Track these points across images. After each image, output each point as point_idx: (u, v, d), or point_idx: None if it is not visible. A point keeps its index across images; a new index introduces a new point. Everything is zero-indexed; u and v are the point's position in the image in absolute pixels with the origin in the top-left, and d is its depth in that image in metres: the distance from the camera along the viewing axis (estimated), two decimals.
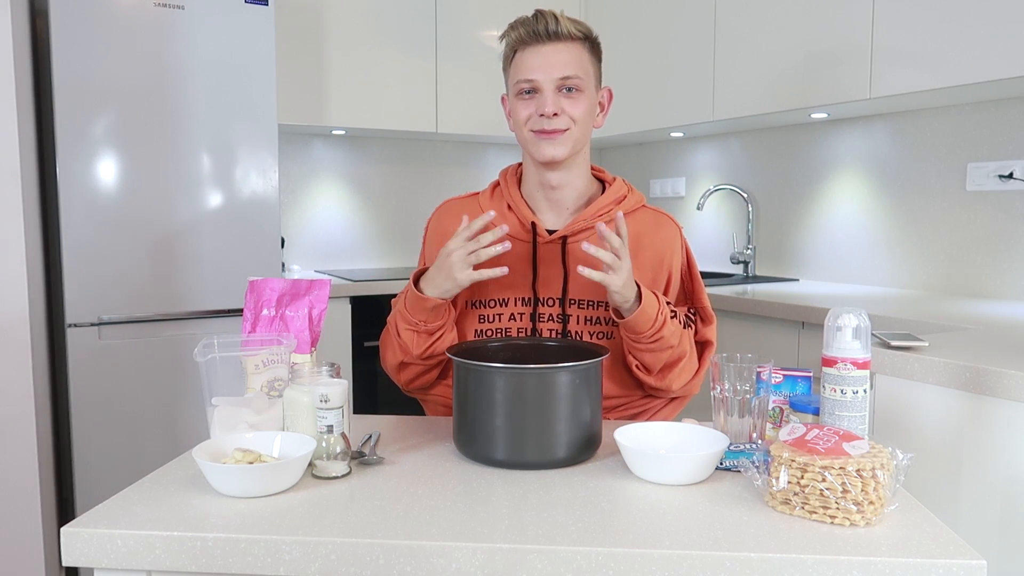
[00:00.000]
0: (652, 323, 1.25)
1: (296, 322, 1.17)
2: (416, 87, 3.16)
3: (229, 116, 2.45)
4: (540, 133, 1.33)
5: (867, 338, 1.05)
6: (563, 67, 1.31)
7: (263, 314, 1.18)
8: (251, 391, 1.12)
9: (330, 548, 0.83)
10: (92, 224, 2.28)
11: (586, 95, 1.33)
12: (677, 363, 1.34)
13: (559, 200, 1.40)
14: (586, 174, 1.41)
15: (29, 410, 2.03)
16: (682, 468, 0.99)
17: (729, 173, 3.23)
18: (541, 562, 0.82)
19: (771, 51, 2.56)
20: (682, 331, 1.33)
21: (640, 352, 1.30)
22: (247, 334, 1.17)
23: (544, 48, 1.31)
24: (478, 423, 1.07)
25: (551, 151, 1.33)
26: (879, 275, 2.66)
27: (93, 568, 0.87)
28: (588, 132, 1.37)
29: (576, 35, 1.32)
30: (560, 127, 1.32)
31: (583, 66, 1.33)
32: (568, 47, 1.31)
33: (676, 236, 1.42)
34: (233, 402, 1.12)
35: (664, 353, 1.30)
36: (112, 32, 2.26)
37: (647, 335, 1.26)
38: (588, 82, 1.33)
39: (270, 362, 1.12)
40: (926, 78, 2.10)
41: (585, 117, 1.34)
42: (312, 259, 3.40)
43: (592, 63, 1.35)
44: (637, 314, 1.23)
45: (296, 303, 1.18)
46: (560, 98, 1.31)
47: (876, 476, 0.87)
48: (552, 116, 1.31)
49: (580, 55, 1.33)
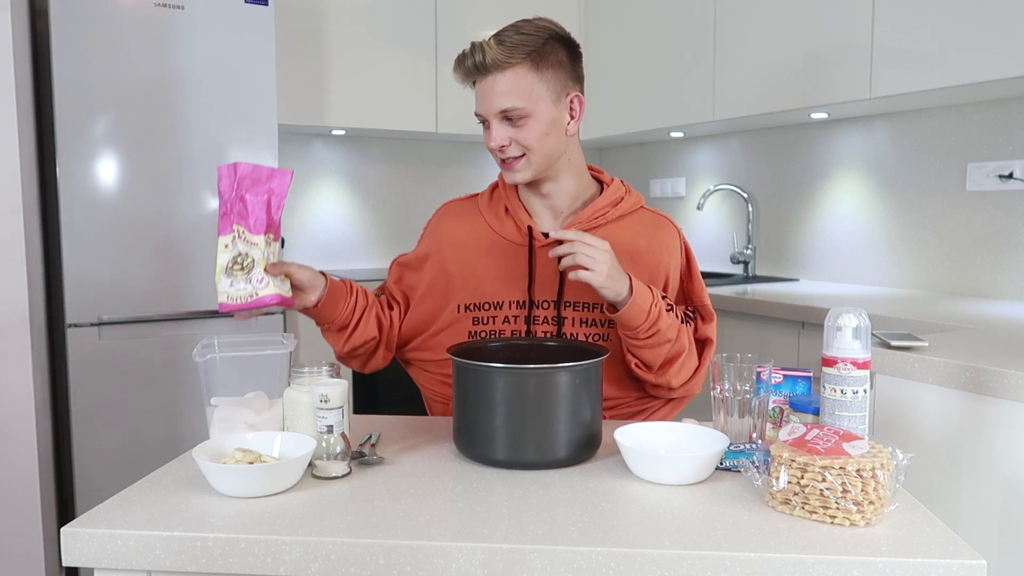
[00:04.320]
0: (646, 315, 1.24)
1: (254, 206, 1.17)
2: (416, 87, 3.16)
3: (229, 116, 2.45)
4: (500, 162, 1.35)
5: (867, 338, 1.05)
6: (500, 99, 1.28)
7: (222, 190, 1.19)
8: (218, 269, 1.15)
9: (330, 548, 0.83)
10: (92, 224, 2.28)
11: (534, 118, 1.29)
12: (676, 358, 1.34)
13: (553, 204, 1.40)
14: (577, 177, 1.40)
15: (29, 410, 2.03)
16: (682, 468, 0.99)
17: (729, 173, 3.23)
18: (541, 562, 0.82)
19: (771, 51, 2.56)
20: (680, 325, 1.32)
21: (638, 348, 1.30)
22: (222, 216, 1.19)
23: (482, 83, 1.30)
24: (478, 423, 1.07)
25: (512, 178, 1.35)
26: (879, 275, 2.66)
27: (93, 568, 0.87)
28: (554, 147, 1.33)
29: (509, 62, 1.26)
30: (513, 155, 1.32)
31: (524, 90, 1.27)
32: (503, 76, 1.27)
33: (674, 238, 1.42)
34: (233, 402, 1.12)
35: (662, 348, 1.30)
36: (112, 32, 2.26)
37: (643, 328, 1.25)
38: (535, 103, 1.28)
39: (234, 242, 1.16)
40: (926, 78, 2.10)
41: (539, 139, 1.30)
42: (312, 259, 3.40)
43: (539, 80, 1.29)
44: (629, 306, 1.23)
45: (256, 188, 1.18)
46: (507, 128, 1.30)
47: (876, 476, 0.87)
48: (500, 149, 1.31)
49: (519, 80, 1.27)
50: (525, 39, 1.28)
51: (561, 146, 1.35)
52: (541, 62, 1.29)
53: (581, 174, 1.41)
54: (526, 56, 1.27)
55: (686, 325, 1.36)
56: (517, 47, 1.27)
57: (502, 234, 1.39)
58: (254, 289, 1.16)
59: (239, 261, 1.15)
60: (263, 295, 1.16)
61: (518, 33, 1.28)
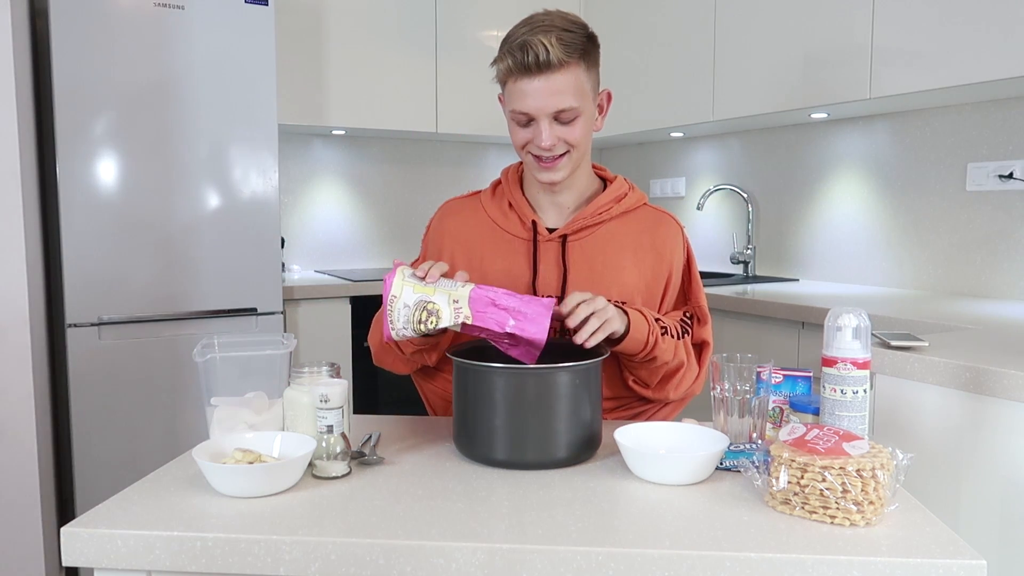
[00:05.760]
0: (644, 345, 1.25)
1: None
2: (416, 87, 3.16)
3: (229, 116, 2.45)
4: (538, 159, 1.31)
5: (867, 338, 1.05)
6: (557, 100, 1.24)
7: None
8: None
9: (330, 548, 0.83)
10: (92, 224, 2.28)
11: (583, 116, 1.28)
12: (674, 374, 1.34)
13: (560, 200, 1.40)
14: (587, 174, 1.41)
15: (29, 410, 2.03)
16: (682, 468, 0.99)
17: (729, 173, 3.23)
18: (541, 562, 0.82)
19: (771, 51, 2.56)
20: (676, 343, 1.32)
21: (635, 369, 1.31)
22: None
23: (535, 82, 1.23)
24: (478, 423, 1.07)
25: (550, 176, 1.32)
26: (879, 275, 2.66)
27: (93, 568, 0.87)
28: (589, 143, 1.35)
29: (569, 61, 1.23)
30: (558, 153, 1.30)
31: (578, 90, 1.25)
32: (561, 76, 1.23)
33: (678, 235, 1.42)
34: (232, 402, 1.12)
35: (660, 369, 1.31)
36: (112, 32, 2.26)
37: (640, 355, 1.26)
38: (585, 101, 1.27)
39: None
40: (926, 78, 2.10)
41: (583, 137, 1.30)
42: (312, 259, 3.40)
43: (588, 78, 1.28)
44: (627, 340, 1.22)
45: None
46: (556, 127, 1.27)
47: (876, 476, 0.87)
48: (549, 148, 1.28)
49: (575, 79, 1.25)
50: (575, 37, 1.24)
51: (589, 143, 1.35)
52: (589, 60, 1.27)
53: (589, 170, 1.42)
54: (580, 55, 1.25)
55: (684, 338, 1.36)
56: (572, 46, 1.23)
57: (506, 229, 1.39)
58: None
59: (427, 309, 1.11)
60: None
61: (564, 31, 1.24)
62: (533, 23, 1.25)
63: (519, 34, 1.24)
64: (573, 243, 1.36)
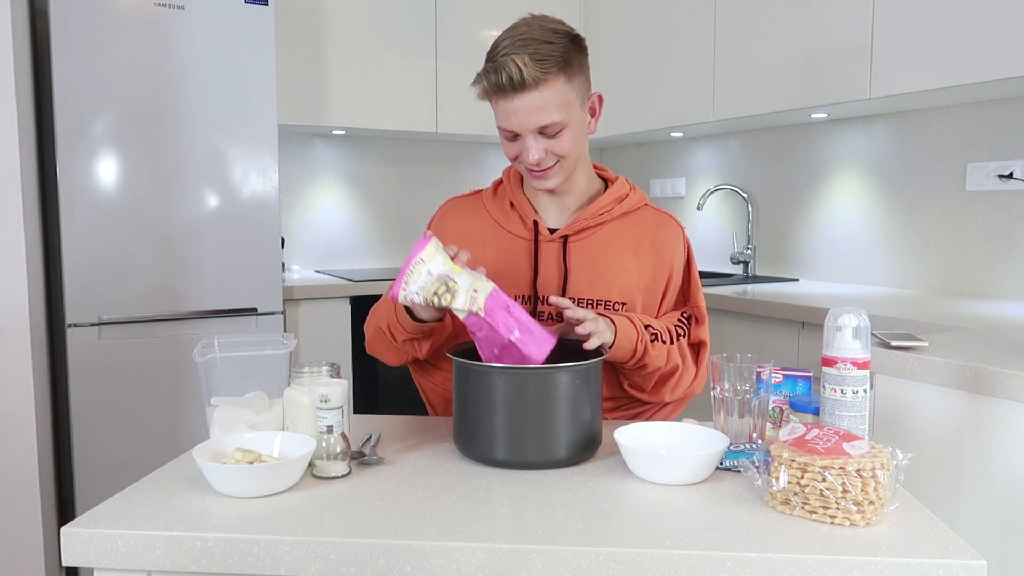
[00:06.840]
0: (632, 354, 1.25)
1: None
2: (416, 87, 3.16)
3: (229, 116, 2.44)
4: (530, 171, 1.31)
5: (867, 338, 1.05)
6: (538, 117, 1.22)
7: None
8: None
9: (330, 548, 0.83)
10: (92, 224, 2.28)
11: (570, 127, 1.26)
12: (669, 378, 1.35)
13: (561, 201, 1.40)
14: (587, 175, 1.41)
15: (29, 410, 2.03)
16: (682, 468, 0.99)
17: (729, 173, 3.23)
18: (541, 562, 0.82)
19: (771, 51, 2.56)
20: (669, 348, 1.32)
21: (628, 374, 1.32)
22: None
23: (514, 101, 1.22)
24: (478, 423, 1.07)
25: (543, 185, 1.32)
26: (879, 275, 2.66)
27: (93, 568, 0.87)
28: (582, 149, 1.33)
29: (545, 78, 1.20)
30: (548, 165, 1.29)
31: (561, 103, 1.23)
32: (539, 93, 1.21)
33: (678, 236, 1.42)
34: (232, 402, 1.12)
35: (653, 375, 1.31)
36: (112, 32, 2.26)
37: (629, 363, 1.27)
38: (570, 112, 1.25)
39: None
40: (926, 78, 2.10)
41: (573, 145, 1.28)
42: (312, 259, 3.40)
43: (572, 88, 1.25)
44: (614, 349, 1.23)
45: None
46: (543, 140, 1.26)
47: (876, 476, 0.87)
48: (537, 162, 1.28)
49: (555, 93, 1.22)
50: (552, 49, 1.21)
51: (585, 146, 1.35)
52: (570, 70, 1.24)
53: (589, 170, 1.42)
54: (559, 68, 1.22)
55: (679, 341, 1.36)
56: (549, 60, 1.20)
57: (507, 229, 1.39)
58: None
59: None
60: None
61: (543, 43, 1.21)
62: (514, 35, 1.23)
63: (496, 51, 1.23)
64: (574, 243, 1.36)
